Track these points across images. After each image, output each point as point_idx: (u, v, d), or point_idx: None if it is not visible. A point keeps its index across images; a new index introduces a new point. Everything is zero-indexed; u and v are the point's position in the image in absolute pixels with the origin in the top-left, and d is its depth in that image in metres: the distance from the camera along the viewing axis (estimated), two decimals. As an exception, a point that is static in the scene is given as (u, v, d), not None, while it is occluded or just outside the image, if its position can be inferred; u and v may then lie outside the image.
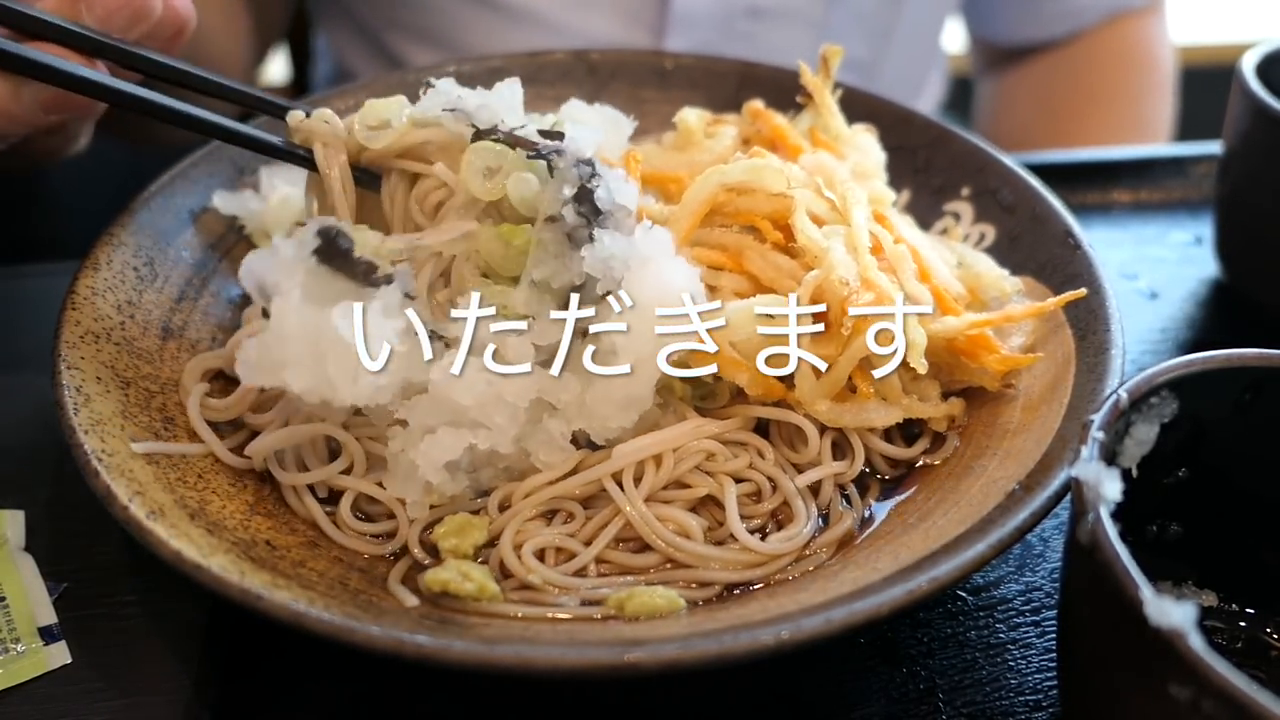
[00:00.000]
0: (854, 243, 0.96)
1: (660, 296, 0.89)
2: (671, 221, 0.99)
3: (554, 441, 0.90)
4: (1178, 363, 0.78)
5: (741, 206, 1.00)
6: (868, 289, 0.93)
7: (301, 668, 0.87)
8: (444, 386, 0.88)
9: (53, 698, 0.85)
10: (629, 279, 0.89)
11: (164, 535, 0.79)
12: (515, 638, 0.80)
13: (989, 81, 1.98)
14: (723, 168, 1.00)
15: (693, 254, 0.99)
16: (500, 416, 0.88)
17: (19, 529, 0.96)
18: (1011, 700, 0.86)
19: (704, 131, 1.13)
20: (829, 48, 1.16)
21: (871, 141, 1.16)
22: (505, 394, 0.88)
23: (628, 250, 0.90)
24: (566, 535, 0.90)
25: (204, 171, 1.15)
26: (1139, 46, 1.82)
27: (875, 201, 1.08)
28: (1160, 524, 0.85)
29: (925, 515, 0.90)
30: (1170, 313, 1.28)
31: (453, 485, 0.91)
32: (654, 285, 0.89)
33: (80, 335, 0.95)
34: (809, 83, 1.15)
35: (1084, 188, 1.43)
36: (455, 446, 0.88)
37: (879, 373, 0.93)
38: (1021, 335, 1.03)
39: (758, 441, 0.96)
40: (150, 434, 0.92)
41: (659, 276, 0.90)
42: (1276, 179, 1.18)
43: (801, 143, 1.11)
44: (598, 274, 0.90)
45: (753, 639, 0.74)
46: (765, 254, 0.98)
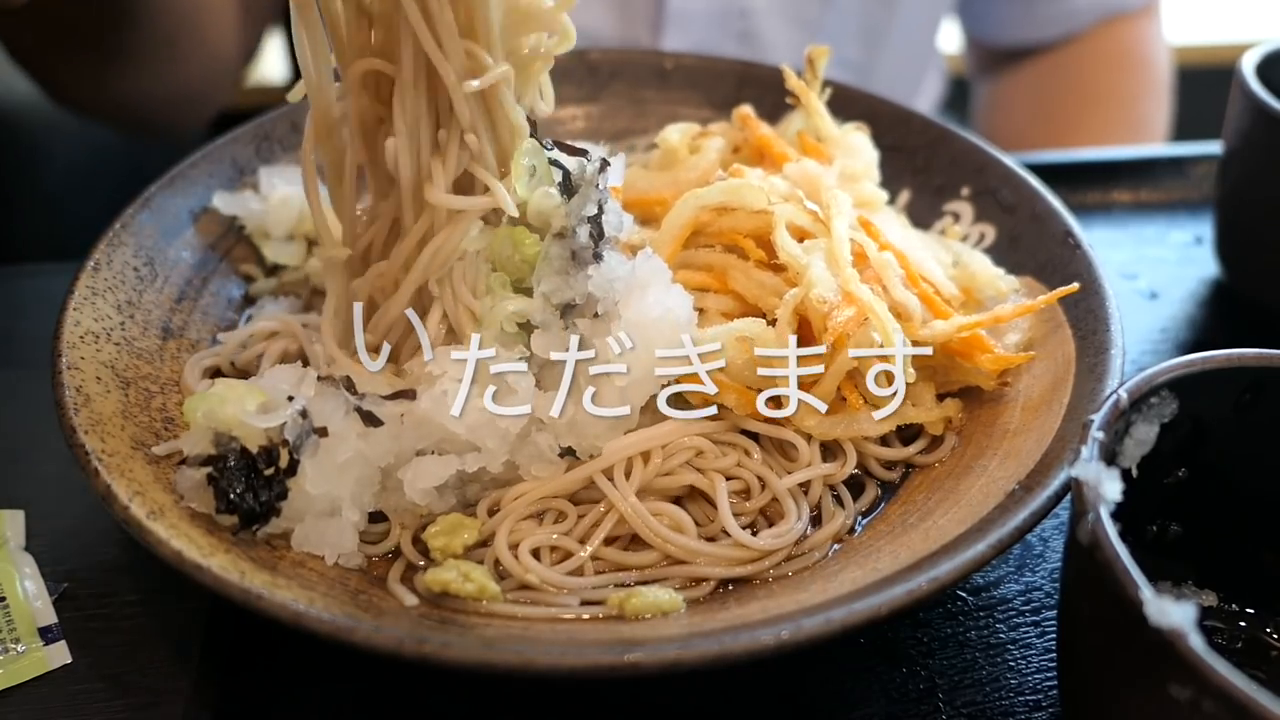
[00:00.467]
0: (835, 254, 0.96)
1: (656, 323, 0.91)
2: (654, 245, 1.00)
3: (544, 455, 0.91)
4: (1178, 363, 0.78)
5: (724, 226, 1.01)
6: (849, 303, 0.93)
7: (301, 667, 0.87)
8: (438, 416, 0.88)
9: (53, 698, 0.85)
10: (626, 305, 0.91)
11: (164, 535, 0.79)
12: (515, 638, 0.80)
13: (984, 84, 1.98)
14: (699, 192, 1.00)
15: (678, 276, 0.99)
16: (492, 441, 0.90)
17: (19, 529, 0.96)
18: (1011, 700, 0.86)
19: (688, 147, 1.13)
20: (815, 49, 1.15)
21: (863, 141, 1.15)
22: (500, 422, 0.89)
23: (629, 273, 0.92)
24: (561, 534, 0.90)
25: (204, 171, 1.15)
26: (1134, 48, 1.82)
27: (865, 204, 1.08)
28: (1160, 524, 0.85)
29: (925, 515, 0.90)
30: (1170, 313, 1.28)
31: (441, 504, 0.91)
32: (650, 312, 0.91)
33: (80, 335, 0.95)
34: (794, 86, 1.14)
35: (1084, 188, 1.43)
36: (442, 474, 0.89)
37: (879, 414, 0.94)
38: (1017, 333, 1.03)
39: (745, 441, 0.96)
40: (150, 434, 0.92)
41: (655, 304, 0.91)
42: (1276, 179, 1.18)
43: (788, 151, 1.11)
44: (600, 293, 0.91)
45: (753, 639, 0.74)
46: (749, 272, 0.99)
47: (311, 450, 0.87)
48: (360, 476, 0.89)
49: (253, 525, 0.86)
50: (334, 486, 0.87)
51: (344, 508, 0.88)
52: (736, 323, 0.95)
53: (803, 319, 0.95)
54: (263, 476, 0.85)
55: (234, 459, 0.85)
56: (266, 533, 0.87)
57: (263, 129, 1.21)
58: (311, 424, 0.87)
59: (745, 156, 1.14)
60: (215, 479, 0.84)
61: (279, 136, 1.21)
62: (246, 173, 1.17)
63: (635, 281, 0.92)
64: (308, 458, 0.86)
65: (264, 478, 0.85)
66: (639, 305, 0.91)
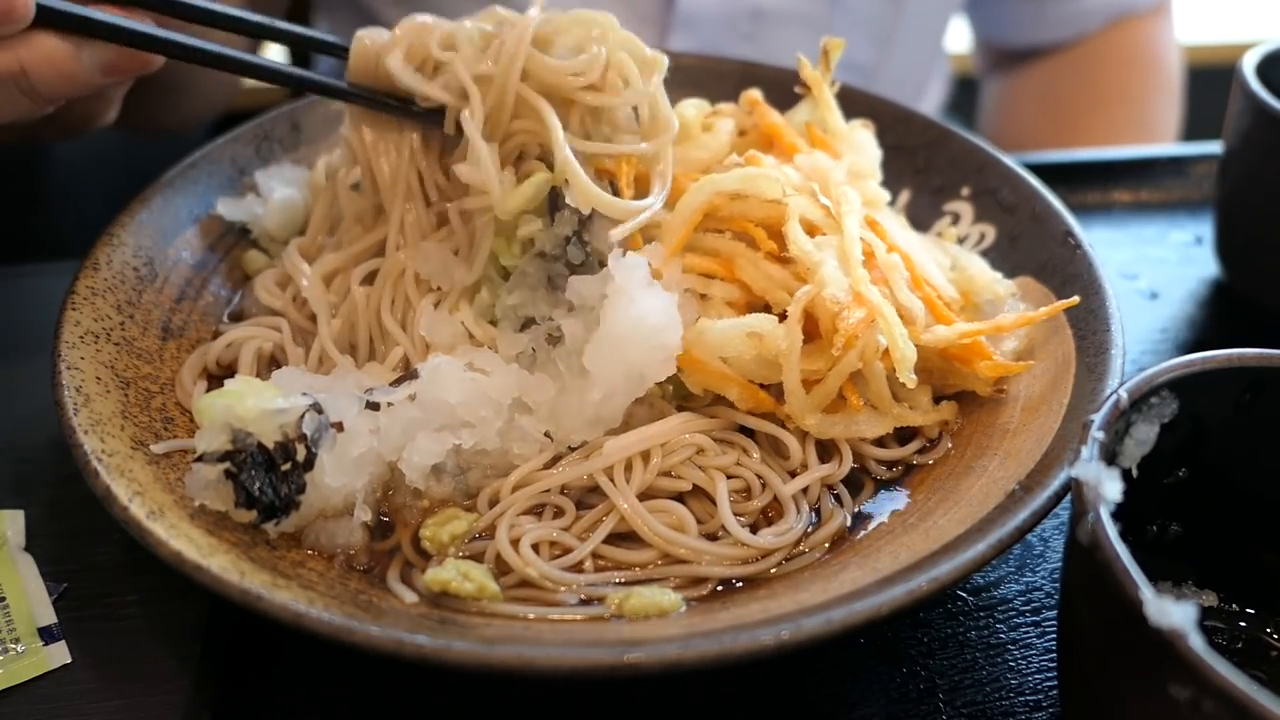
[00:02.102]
0: (846, 253, 0.96)
1: (631, 334, 0.90)
2: (665, 229, 1.00)
3: (528, 436, 0.93)
4: (1178, 363, 0.78)
5: (736, 211, 1.00)
6: (859, 304, 0.93)
7: (301, 667, 0.87)
8: (432, 387, 0.91)
9: (53, 698, 0.85)
10: (605, 309, 0.91)
11: (164, 535, 0.79)
12: (515, 638, 0.80)
13: (994, 82, 1.98)
14: (716, 178, 1.00)
15: (685, 261, 0.99)
16: (486, 410, 0.92)
17: (19, 529, 0.96)
18: (1011, 700, 0.86)
19: (701, 124, 1.13)
20: (830, 40, 1.15)
21: (868, 138, 1.15)
22: (489, 391, 0.92)
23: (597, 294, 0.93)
24: (560, 530, 0.90)
25: (203, 171, 1.15)
26: (1145, 49, 1.82)
27: (870, 203, 1.07)
28: (1160, 524, 0.85)
29: (925, 515, 0.90)
30: (1170, 313, 1.28)
31: (440, 487, 0.92)
32: (629, 316, 0.91)
33: (80, 335, 0.95)
34: (808, 77, 1.14)
35: (1084, 188, 1.43)
36: (438, 450, 0.91)
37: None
38: (1015, 339, 1.03)
39: (743, 441, 0.96)
40: (150, 434, 0.92)
41: (634, 307, 0.91)
42: (1276, 179, 1.18)
43: (798, 141, 1.11)
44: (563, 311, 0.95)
45: (753, 639, 0.74)
46: (758, 263, 0.98)
47: (329, 444, 0.88)
48: (373, 472, 0.91)
49: (273, 519, 0.86)
50: (351, 479, 0.89)
51: (356, 505, 0.89)
52: (748, 318, 0.94)
53: (809, 315, 0.95)
54: (280, 471, 0.86)
55: (252, 454, 0.85)
56: (280, 530, 0.88)
57: (263, 129, 1.21)
58: (328, 418, 0.88)
59: (752, 141, 1.13)
60: (234, 474, 0.85)
61: (279, 136, 1.21)
62: (246, 172, 1.17)
63: (613, 287, 0.92)
64: (325, 451, 0.87)
65: (281, 473, 0.86)
66: (614, 315, 0.91)
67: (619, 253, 0.94)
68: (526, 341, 0.96)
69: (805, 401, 0.93)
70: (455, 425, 0.92)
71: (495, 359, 0.95)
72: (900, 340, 0.92)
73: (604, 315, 0.91)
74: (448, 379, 0.92)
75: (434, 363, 0.93)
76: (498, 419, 0.92)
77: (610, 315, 0.91)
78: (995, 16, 1.88)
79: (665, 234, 0.99)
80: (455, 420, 0.92)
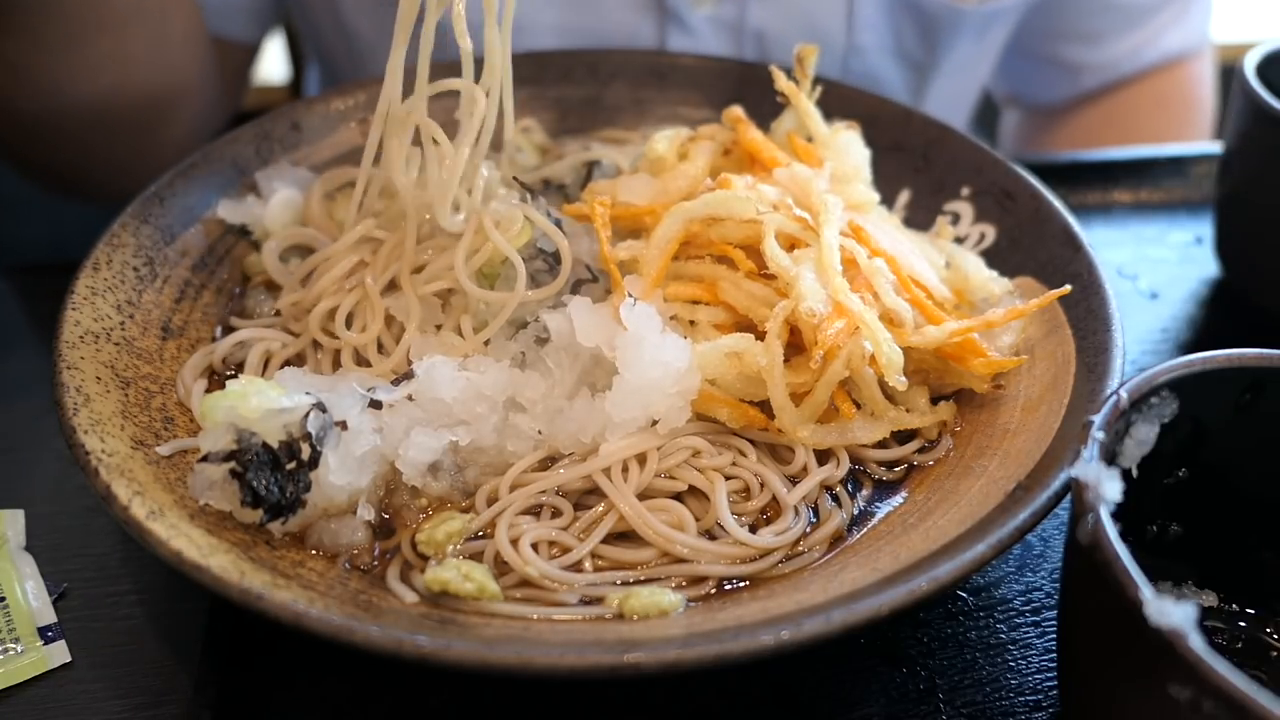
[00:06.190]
0: (824, 264, 0.95)
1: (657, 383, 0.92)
2: (643, 261, 1.00)
3: (521, 433, 0.94)
4: (1178, 363, 0.78)
5: (714, 236, 1.01)
6: (839, 314, 0.92)
7: (301, 667, 0.87)
8: (428, 385, 0.92)
9: (53, 698, 0.85)
10: (624, 358, 0.92)
11: (164, 535, 0.79)
12: (515, 638, 0.80)
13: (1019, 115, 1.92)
14: (685, 206, 1.00)
15: (669, 290, 1.00)
16: (481, 406, 0.93)
17: (19, 529, 0.96)
18: (1011, 700, 0.86)
19: (677, 153, 1.12)
20: (804, 47, 1.14)
21: (853, 140, 1.13)
22: (483, 388, 0.93)
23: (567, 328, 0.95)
24: (559, 529, 0.90)
25: (204, 171, 1.15)
26: (1179, 89, 1.76)
27: (856, 206, 1.07)
28: (1160, 524, 0.85)
29: (925, 515, 0.90)
30: (1170, 313, 1.28)
31: (437, 485, 0.93)
32: (648, 363, 0.92)
33: (80, 335, 0.95)
34: (784, 87, 1.12)
35: (1084, 188, 1.43)
36: (436, 446, 0.91)
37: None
38: (1010, 335, 1.03)
39: (739, 442, 0.96)
40: (150, 434, 0.92)
41: (653, 354, 0.92)
42: (1276, 179, 1.18)
43: (778, 155, 1.10)
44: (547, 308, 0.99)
45: (752, 639, 0.74)
46: (740, 283, 0.98)
47: (334, 443, 0.88)
48: (377, 471, 0.91)
49: (279, 518, 0.86)
50: (355, 478, 0.89)
51: (360, 504, 0.90)
52: (724, 339, 0.95)
53: (794, 328, 0.95)
54: (285, 470, 0.86)
55: (257, 453, 0.85)
56: (284, 530, 0.88)
57: (263, 129, 1.20)
58: (332, 417, 0.89)
59: (737, 158, 1.13)
60: (239, 474, 0.85)
61: (279, 136, 1.21)
62: (246, 172, 1.17)
63: (630, 338, 0.93)
64: (330, 450, 0.88)
65: (286, 471, 0.86)
66: (637, 364, 0.92)
67: (630, 301, 0.95)
68: (516, 348, 0.97)
69: (795, 415, 0.93)
70: (452, 423, 0.93)
71: (487, 359, 0.96)
72: (885, 345, 0.92)
73: (622, 365, 0.92)
74: (443, 377, 0.93)
75: (429, 362, 0.94)
76: (493, 415, 0.93)
77: (630, 366, 0.92)
78: (1026, 83, 1.82)
79: (643, 266, 1.00)
80: (452, 418, 0.93)
